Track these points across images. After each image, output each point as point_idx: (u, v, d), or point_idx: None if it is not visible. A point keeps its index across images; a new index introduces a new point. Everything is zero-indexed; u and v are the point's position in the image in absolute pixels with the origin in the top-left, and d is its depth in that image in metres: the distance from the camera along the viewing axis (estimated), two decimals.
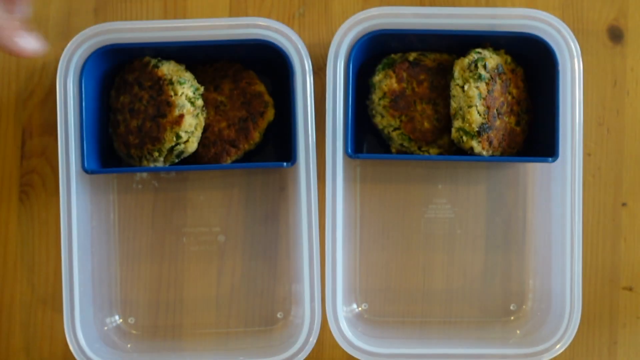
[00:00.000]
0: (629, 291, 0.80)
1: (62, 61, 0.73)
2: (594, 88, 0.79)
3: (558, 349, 0.74)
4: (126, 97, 0.75)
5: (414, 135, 0.75)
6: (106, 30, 0.73)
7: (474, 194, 0.80)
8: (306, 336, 0.73)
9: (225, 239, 0.79)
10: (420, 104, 0.75)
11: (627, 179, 0.80)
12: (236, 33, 0.73)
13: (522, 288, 0.80)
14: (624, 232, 0.80)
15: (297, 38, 0.73)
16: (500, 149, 0.75)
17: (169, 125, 0.72)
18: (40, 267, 0.79)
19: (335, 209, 0.74)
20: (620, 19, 0.79)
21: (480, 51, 0.74)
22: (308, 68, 0.73)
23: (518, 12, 0.74)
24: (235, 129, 0.76)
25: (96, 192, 0.77)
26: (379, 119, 0.76)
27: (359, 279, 0.80)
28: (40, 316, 0.79)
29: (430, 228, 0.80)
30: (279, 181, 0.79)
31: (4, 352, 0.79)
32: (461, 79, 0.73)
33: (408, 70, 0.75)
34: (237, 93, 0.76)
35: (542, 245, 0.78)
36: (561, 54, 0.74)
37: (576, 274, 0.74)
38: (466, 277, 0.80)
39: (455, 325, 0.80)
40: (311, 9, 0.79)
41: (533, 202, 0.79)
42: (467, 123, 0.72)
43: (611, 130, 0.80)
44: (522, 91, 0.76)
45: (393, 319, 0.80)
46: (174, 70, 0.74)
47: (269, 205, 0.79)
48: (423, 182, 0.80)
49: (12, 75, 0.79)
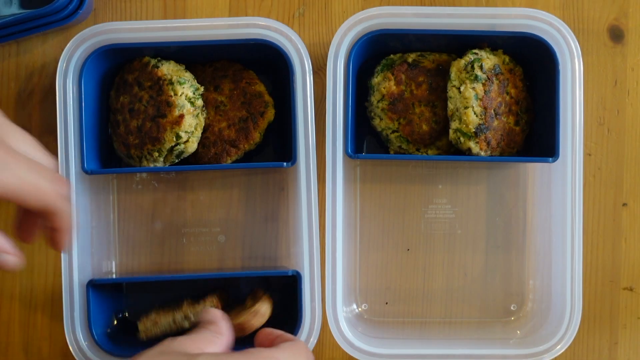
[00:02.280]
0: (630, 291, 0.80)
1: (62, 61, 0.73)
2: (594, 88, 0.79)
3: (558, 349, 0.74)
4: (126, 97, 0.75)
5: (412, 137, 0.75)
6: (106, 30, 0.73)
7: (474, 194, 0.80)
8: (306, 336, 0.73)
9: (225, 239, 0.79)
10: (419, 106, 0.75)
11: (627, 179, 0.80)
12: (236, 33, 0.73)
13: (523, 288, 0.79)
14: (624, 232, 0.80)
15: (297, 38, 0.73)
16: (500, 149, 0.75)
17: (169, 125, 0.72)
18: (40, 267, 0.79)
19: (335, 209, 0.74)
20: (621, 18, 0.79)
21: (477, 52, 0.74)
22: (308, 68, 0.73)
23: (518, 12, 0.74)
24: (235, 129, 0.76)
25: (96, 192, 0.77)
26: (377, 121, 0.76)
27: (359, 279, 0.80)
28: (40, 316, 0.79)
29: (430, 228, 0.80)
30: (279, 181, 0.79)
31: (3, 352, 0.79)
32: (457, 80, 0.73)
33: (407, 72, 0.75)
34: (237, 93, 0.76)
35: (542, 245, 0.78)
36: (561, 53, 0.74)
37: (576, 274, 0.74)
38: (466, 277, 0.80)
39: (455, 326, 0.79)
40: (311, 9, 0.79)
41: (533, 202, 0.79)
42: (464, 124, 0.72)
43: (611, 130, 0.80)
44: (521, 91, 0.76)
45: (393, 319, 0.80)
46: (174, 70, 0.74)
47: (269, 205, 0.79)
48: (423, 182, 0.80)
49: (12, 75, 0.79)
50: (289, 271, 0.73)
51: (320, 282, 0.73)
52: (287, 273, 0.73)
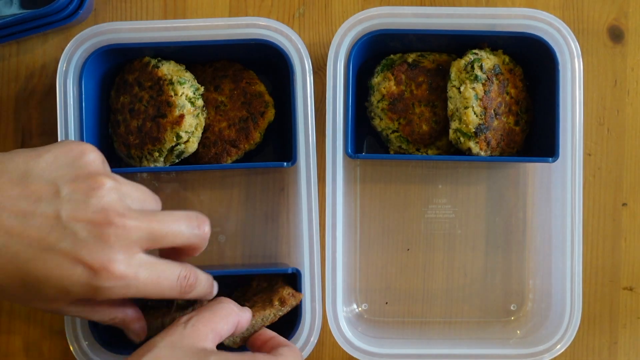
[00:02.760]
0: (630, 291, 0.80)
1: (62, 62, 0.73)
2: (594, 88, 0.79)
3: (558, 349, 0.74)
4: (126, 97, 0.75)
5: (412, 137, 0.75)
6: (106, 30, 0.73)
7: (474, 194, 0.80)
8: (307, 336, 0.73)
9: (225, 239, 0.79)
10: (419, 106, 0.75)
11: (627, 179, 0.80)
12: (236, 33, 0.73)
13: (522, 288, 0.80)
14: (624, 232, 0.80)
15: (297, 38, 0.73)
16: (499, 149, 0.75)
17: (169, 125, 0.72)
18: None
19: (335, 209, 0.74)
20: (621, 18, 0.79)
21: (476, 52, 0.74)
22: (308, 68, 0.73)
23: (518, 12, 0.74)
24: (235, 129, 0.76)
25: None
26: (377, 121, 0.76)
27: (359, 279, 0.80)
28: (40, 316, 0.79)
29: (430, 228, 0.80)
30: (279, 181, 0.79)
31: (3, 352, 0.79)
32: (457, 80, 0.73)
33: (407, 72, 0.75)
34: (237, 93, 0.76)
35: (542, 245, 0.78)
36: (561, 54, 0.74)
37: (576, 274, 0.74)
38: (466, 277, 0.80)
39: (455, 325, 0.80)
40: (311, 9, 0.79)
41: (533, 202, 0.79)
42: (464, 124, 0.72)
43: (611, 130, 0.80)
44: (521, 91, 0.76)
45: (393, 319, 0.80)
46: (174, 70, 0.74)
47: (269, 205, 0.79)
48: (423, 182, 0.80)
49: (12, 75, 0.79)
50: (288, 269, 0.73)
51: (320, 282, 0.73)
52: (287, 270, 0.73)
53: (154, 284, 0.60)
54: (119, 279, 0.58)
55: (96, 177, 0.59)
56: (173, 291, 0.62)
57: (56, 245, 0.56)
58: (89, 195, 0.58)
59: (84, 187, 0.58)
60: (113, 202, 0.58)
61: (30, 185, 0.58)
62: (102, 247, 0.57)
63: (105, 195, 0.58)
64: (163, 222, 0.61)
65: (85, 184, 0.58)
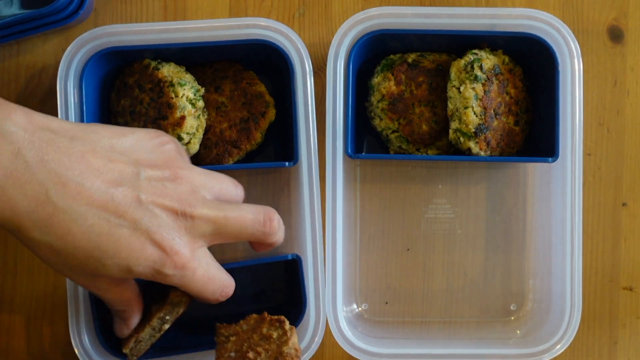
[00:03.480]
0: (629, 291, 0.80)
1: (63, 65, 0.73)
2: (594, 88, 0.79)
3: (558, 349, 0.74)
4: (127, 100, 0.75)
5: (412, 137, 0.75)
6: (106, 33, 0.73)
7: (474, 194, 0.80)
8: (311, 337, 0.73)
9: None
10: (419, 106, 0.76)
11: (627, 179, 0.80)
12: (236, 33, 0.73)
13: (522, 288, 0.80)
14: (624, 232, 0.80)
15: (297, 38, 0.73)
16: (499, 149, 0.75)
17: (171, 127, 0.72)
18: (40, 267, 0.79)
19: (335, 209, 0.74)
20: (621, 18, 0.79)
21: (476, 52, 0.74)
22: (308, 68, 0.73)
23: (518, 12, 0.74)
24: (236, 129, 0.76)
25: None
26: (377, 121, 0.76)
27: (359, 279, 0.80)
28: (40, 316, 0.79)
29: (430, 228, 0.80)
30: (280, 181, 0.79)
31: (4, 352, 0.79)
32: (457, 80, 0.73)
33: (407, 72, 0.75)
34: (237, 94, 0.76)
35: (542, 245, 0.78)
36: (561, 54, 0.74)
37: (576, 274, 0.74)
38: (466, 277, 0.80)
39: (455, 325, 0.80)
40: (311, 9, 0.79)
41: (533, 202, 0.79)
42: (463, 124, 0.72)
43: (611, 130, 0.80)
44: (521, 91, 0.76)
45: (393, 319, 0.80)
46: (175, 72, 0.74)
47: (270, 205, 0.79)
48: (423, 182, 0.80)
49: (12, 75, 0.79)
50: (288, 255, 0.73)
51: (323, 281, 0.74)
52: (287, 257, 0.73)
53: (203, 284, 0.63)
54: (181, 269, 0.60)
55: (173, 167, 0.61)
56: (214, 295, 0.64)
57: (135, 223, 0.58)
58: (165, 185, 0.60)
59: (161, 176, 0.60)
60: (186, 194, 0.60)
61: (114, 161, 0.59)
62: (175, 235, 0.59)
63: (179, 186, 0.60)
64: (228, 218, 0.63)
65: (162, 172, 0.60)
